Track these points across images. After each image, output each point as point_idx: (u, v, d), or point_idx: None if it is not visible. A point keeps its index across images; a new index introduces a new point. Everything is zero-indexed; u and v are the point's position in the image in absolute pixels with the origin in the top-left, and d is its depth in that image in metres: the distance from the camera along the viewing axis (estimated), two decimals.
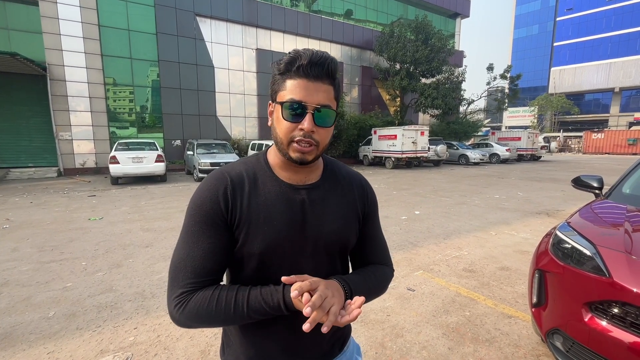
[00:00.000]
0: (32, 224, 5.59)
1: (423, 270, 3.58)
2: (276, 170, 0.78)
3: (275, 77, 0.72)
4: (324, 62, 0.68)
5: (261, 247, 0.72)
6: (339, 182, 0.84)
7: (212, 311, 0.67)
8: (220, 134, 17.13)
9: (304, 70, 0.68)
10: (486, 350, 2.21)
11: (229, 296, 0.69)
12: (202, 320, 0.68)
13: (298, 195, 0.76)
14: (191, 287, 0.69)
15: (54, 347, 2.24)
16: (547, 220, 5.76)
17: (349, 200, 0.83)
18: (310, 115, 0.68)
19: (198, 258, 0.70)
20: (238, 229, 0.72)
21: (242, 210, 0.72)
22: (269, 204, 0.74)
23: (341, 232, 0.80)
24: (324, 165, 0.84)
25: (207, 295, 0.68)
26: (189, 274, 0.69)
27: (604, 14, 43.35)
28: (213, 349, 2.23)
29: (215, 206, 0.71)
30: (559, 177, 12.19)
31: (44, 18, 13.01)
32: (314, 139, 0.70)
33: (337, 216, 0.79)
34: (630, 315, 1.46)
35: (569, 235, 1.93)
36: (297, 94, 0.68)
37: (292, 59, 0.68)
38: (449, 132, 22.27)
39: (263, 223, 0.72)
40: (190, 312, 0.67)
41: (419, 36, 19.29)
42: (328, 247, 0.79)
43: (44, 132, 13.59)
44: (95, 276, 3.45)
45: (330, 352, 0.85)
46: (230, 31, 17.15)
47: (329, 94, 0.71)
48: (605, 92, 43.35)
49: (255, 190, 0.74)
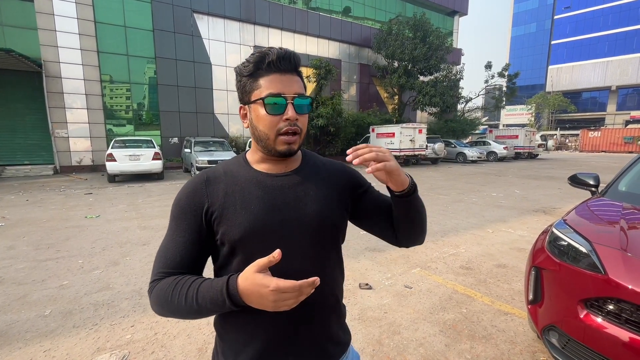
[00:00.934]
0: (28, 222, 5.55)
1: (420, 268, 3.59)
2: (254, 165, 0.80)
3: (243, 79, 0.74)
4: (290, 55, 0.72)
5: (241, 233, 0.72)
6: (319, 167, 0.85)
7: (169, 297, 0.68)
8: (218, 131, 17.07)
9: (275, 65, 0.71)
10: (483, 347, 2.22)
11: (186, 283, 0.68)
12: (163, 306, 0.69)
13: (276, 181, 0.77)
14: (161, 275, 0.72)
15: (50, 345, 2.23)
16: (544, 218, 5.78)
17: (331, 183, 0.83)
18: (292, 105, 0.71)
19: (171, 250, 0.74)
20: (217, 220, 0.74)
21: (218, 200, 0.74)
22: (245, 192, 0.75)
23: (324, 214, 0.78)
24: (303, 155, 0.86)
25: (168, 281, 0.70)
26: (162, 264, 0.73)
27: (601, 13, 43.48)
28: (210, 346, 2.23)
29: (190, 201, 0.75)
30: (556, 175, 12.25)
31: (39, 14, 12.88)
32: (298, 126, 0.73)
33: (319, 198, 0.79)
34: (625, 312, 1.47)
35: (565, 232, 1.94)
36: (274, 87, 0.70)
37: (261, 57, 0.71)
38: (447, 130, 22.30)
39: (240, 208, 0.73)
40: (154, 297, 0.70)
41: (417, 34, 19.26)
42: (313, 229, 0.76)
43: (40, 130, 13.48)
44: (92, 274, 3.43)
45: (330, 355, 0.81)
46: (227, 28, 17.05)
47: (299, 83, 0.75)
48: (602, 91, 43.58)
49: (232, 181, 0.77)
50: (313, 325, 0.77)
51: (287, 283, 0.59)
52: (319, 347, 0.79)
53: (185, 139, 14.30)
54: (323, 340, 0.80)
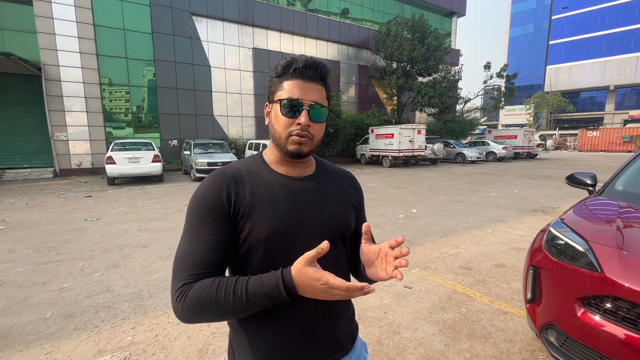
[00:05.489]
0: (28, 225, 5.56)
1: (420, 268, 3.60)
2: (273, 166, 0.83)
3: (273, 80, 0.79)
4: (317, 65, 0.76)
5: (268, 232, 0.74)
6: (332, 174, 0.91)
7: (212, 298, 0.66)
8: (217, 133, 17.09)
9: (300, 72, 0.75)
10: (482, 346, 2.23)
11: (230, 281, 0.68)
12: (203, 309, 0.67)
13: (297, 184, 0.82)
14: (192, 278, 0.69)
15: (51, 348, 2.24)
16: (543, 218, 5.80)
17: (344, 189, 0.90)
18: (306, 111, 0.75)
19: (199, 251, 0.71)
20: (243, 218, 0.75)
21: (245, 199, 0.75)
22: (271, 191, 0.78)
23: (341, 217, 0.84)
24: (316, 163, 0.91)
25: (207, 282, 0.68)
26: (191, 267, 0.70)
27: (599, 12, 43.63)
28: (211, 347, 2.24)
29: (217, 199, 0.74)
30: (555, 175, 12.27)
31: (38, 17, 12.91)
32: (309, 132, 0.77)
33: (336, 202, 0.85)
34: (622, 310, 1.48)
35: (563, 231, 1.95)
36: (294, 92, 0.75)
37: (289, 62, 0.76)
38: (446, 131, 22.35)
39: (268, 208, 0.76)
40: (190, 301, 0.67)
41: (416, 35, 19.32)
42: (331, 231, 0.81)
43: (40, 133, 13.50)
44: (93, 277, 3.44)
45: (344, 346, 0.86)
46: (226, 30, 17.10)
47: (321, 93, 0.78)
48: (600, 90, 43.69)
49: (256, 181, 0.79)
50: (329, 320, 0.81)
51: (336, 281, 0.63)
52: (335, 339, 0.84)
53: (184, 141, 14.30)
54: (338, 334, 0.85)
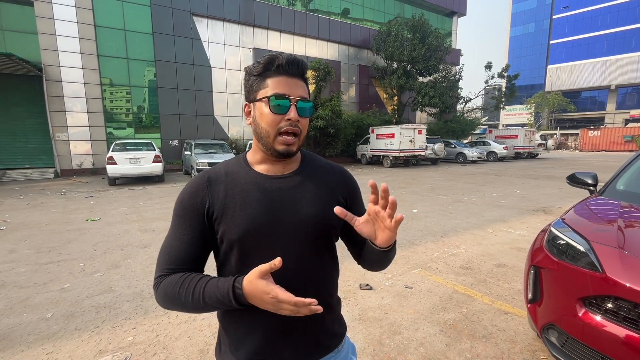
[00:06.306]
0: (29, 226, 5.57)
1: (421, 268, 3.60)
2: (254, 166, 0.84)
3: (251, 78, 0.78)
4: (298, 61, 0.77)
5: (239, 233, 0.75)
6: (317, 170, 0.88)
7: (176, 294, 0.72)
8: (218, 133, 17.10)
9: (283, 68, 0.75)
10: (483, 346, 2.23)
11: (193, 281, 0.73)
12: (170, 301, 0.74)
13: (275, 183, 0.81)
14: (167, 272, 0.77)
15: (52, 348, 2.24)
16: (544, 218, 5.79)
17: (328, 186, 0.86)
18: (295, 107, 0.75)
19: (175, 247, 0.78)
20: (217, 220, 0.77)
21: (219, 201, 0.78)
22: (244, 194, 0.78)
23: (320, 215, 0.80)
24: (302, 157, 0.89)
25: (175, 278, 0.74)
26: (167, 261, 0.77)
27: (599, 12, 43.54)
28: (212, 348, 2.24)
29: (192, 201, 0.78)
30: (556, 175, 12.25)
31: (39, 18, 12.94)
32: (299, 127, 0.77)
33: (316, 200, 0.82)
34: (623, 310, 1.48)
35: (564, 231, 1.95)
36: (280, 88, 0.75)
37: (271, 59, 0.75)
38: (447, 131, 22.33)
39: (239, 210, 0.77)
40: (160, 292, 0.75)
41: (416, 35, 19.30)
42: (307, 231, 0.79)
43: (40, 133, 13.52)
44: (94, 277, 3.44)
45: (324, 345, 0.85)
46: (227, 31, 17.11)
47: (304, 88, 0.79)
48: (601, 90, 43.58)
49: (232, 182, 0.80)
50: (308, 320, 0.79)
51: (284, 295, 0.64)
52: (314, 339, 0.83)
53: (185, 142, 14.32)
54: (318, 333, 0.84)
